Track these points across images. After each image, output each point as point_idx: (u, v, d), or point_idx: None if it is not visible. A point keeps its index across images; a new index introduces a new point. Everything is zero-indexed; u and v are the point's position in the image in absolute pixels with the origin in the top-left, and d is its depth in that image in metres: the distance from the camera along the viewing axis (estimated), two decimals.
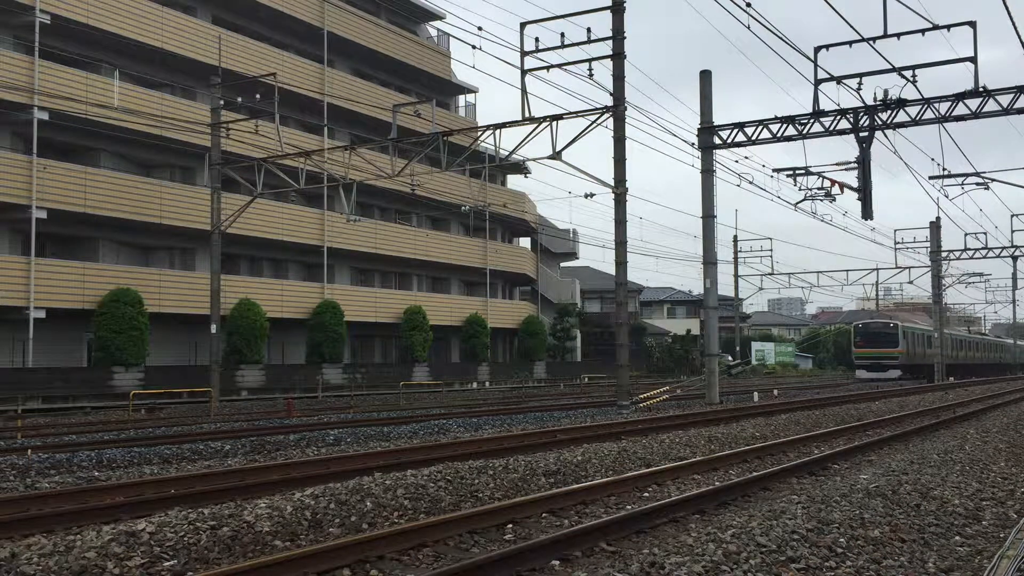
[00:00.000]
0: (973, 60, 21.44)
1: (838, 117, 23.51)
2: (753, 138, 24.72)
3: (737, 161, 33.17)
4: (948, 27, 21.48)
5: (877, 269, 57.74)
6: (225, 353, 31.92)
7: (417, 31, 48.48)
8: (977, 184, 33.49)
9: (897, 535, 7.49)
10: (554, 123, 22.65)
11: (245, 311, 33.68)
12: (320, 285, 39.19)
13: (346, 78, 41.79)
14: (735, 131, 25.01)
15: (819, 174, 27.66)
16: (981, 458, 12.82)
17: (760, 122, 24.53)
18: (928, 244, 50.72)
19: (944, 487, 9.86)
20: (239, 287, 34.53)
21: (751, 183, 28.97)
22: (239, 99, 28.64)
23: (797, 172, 27.64)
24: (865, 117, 23.27)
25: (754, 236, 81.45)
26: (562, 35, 22.53)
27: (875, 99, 22.89)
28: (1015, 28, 16.42)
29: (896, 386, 43.58)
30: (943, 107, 22.37)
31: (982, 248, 47.69)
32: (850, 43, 22.39)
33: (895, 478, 10.23)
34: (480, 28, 23.57)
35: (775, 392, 32.82)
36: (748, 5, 19.31)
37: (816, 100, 23.31)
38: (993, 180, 33.71)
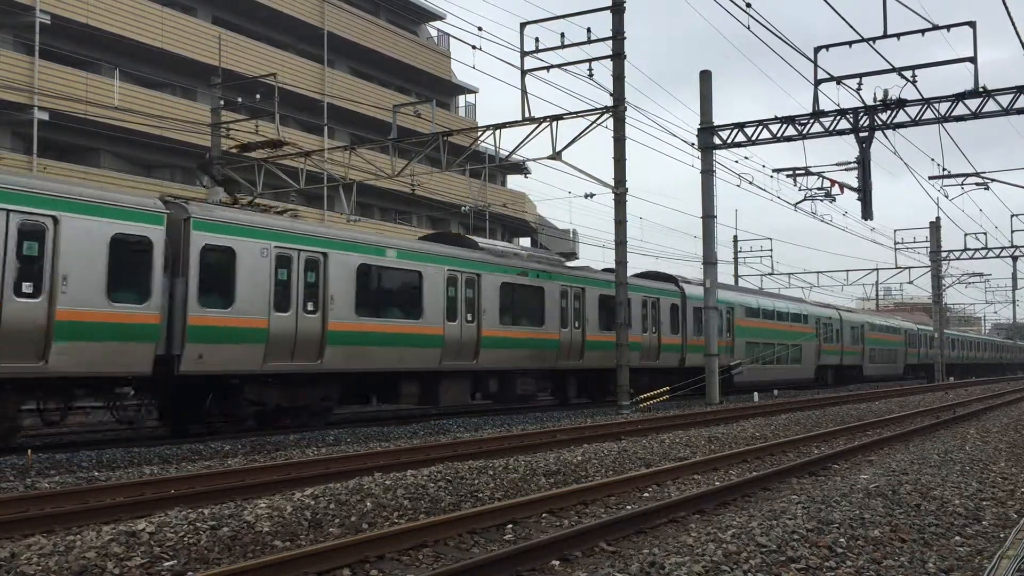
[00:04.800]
0: (973, 60, 21.45)
1: (838, 117, 23.52)
2: (753, 138, 24.72)
3: (737, 161, 33.17)
4: (948, 27, 21.51)
5: (877, 269, 57.77)
6: None
7: (417, 31, 48.47)
8: (977, 184, 33.55)
9: (897, 535, 7.49)
10: (554, 123, 22.63)
11: None
12: None
13: (346, 78, 41.78)
14: (735, 131, 25.01)
15: (819, 174, 27.69)
16: (981, 458, 12.82)
17: (760, 122, 24.54)
18: (928, 244, 50.72)
19: (944, 487, 9.86)
20: None
21: (751, 183, 28.98)
22: (239, 99, 28.60)
23: (797, 172, 27.67)
24: (865, 117, 23.27)
25: (754, 236, 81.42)
26: (562, 35, 22.53)
27: (875, 99, 22.91)
28: (1015, 28, 16.45)
29: (897, 386, 43.56)
30: (943, 107, 22.39)
31: (982, 248, 47.72)
32: (850, 43, 22.42)
33: (895, 478, 10.23)
34: (480, 28, 23.63)
35: (775, 392, 32.82)
36: (748, 5, 19.34)
37: (816, 100, 23.32)
38: (993, 180, 33.80)
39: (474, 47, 22.38)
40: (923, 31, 21.63)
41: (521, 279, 21.49)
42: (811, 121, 23.74)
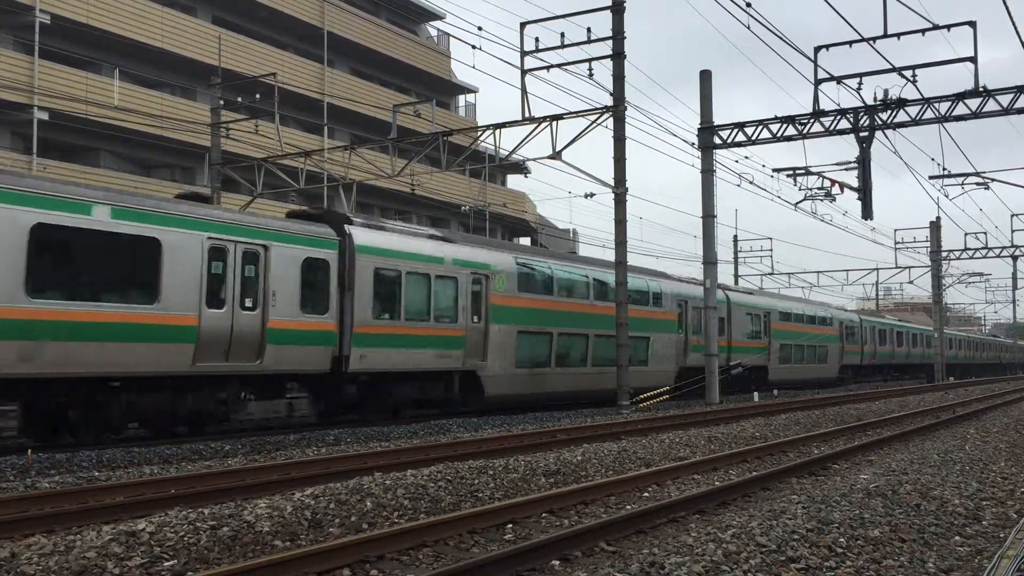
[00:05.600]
0: (973, 60, 21.46)
1: (838, 117, 23.52)
2: (753, 138, 24.72)
3: (737, 161, 33.15)
4: (948, 27, 21.52)
5: (877, 269, 57.78)
6: None
7: (417, 31, 48.48)
8: (977, 184, 33.58)
9: (897, 535, 7.49)
10: (554, 123, 22.65)
11: None
12: None
13: (346, 78, 41.80)
14: (735, 131, 25.02)
15: (819, 174, 27.71)
16: (981, 458, 12.83)
17: (760, 122, 24.55)
18: (928, 244, 50.74)
19: (944, 487, 9.87)
20: None
21: (751, 183, 29.00)
22: (239, 99, 28.62)
23: (797, 172, 27.68)
24: (865, 117, 23.28)
25: (754, 236, 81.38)
26: (562, 35, 22.54)
27: (875, 99, 22.93)
28: (1015, 28, 16.45)
29: (896, 386, 43.55)
30: (943, 107, 22.39)
31: (982, 248, 47.75)
32: (850, 43, 22.44)
33: (895, 478, 10.24)
34: (480, 28, 23.65)
35: (775, 392, 32.84)
36: (748, 5, 19.34)
37: (816, 100, 23.32)
38: (993, 180, 33.83)
39: (474, 47, 22.43)
40: (923, 31, 21.64)
41: None
42: (811, 121, 23.75)
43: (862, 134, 23.49)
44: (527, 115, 22.76)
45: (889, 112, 22.89)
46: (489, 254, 20.95)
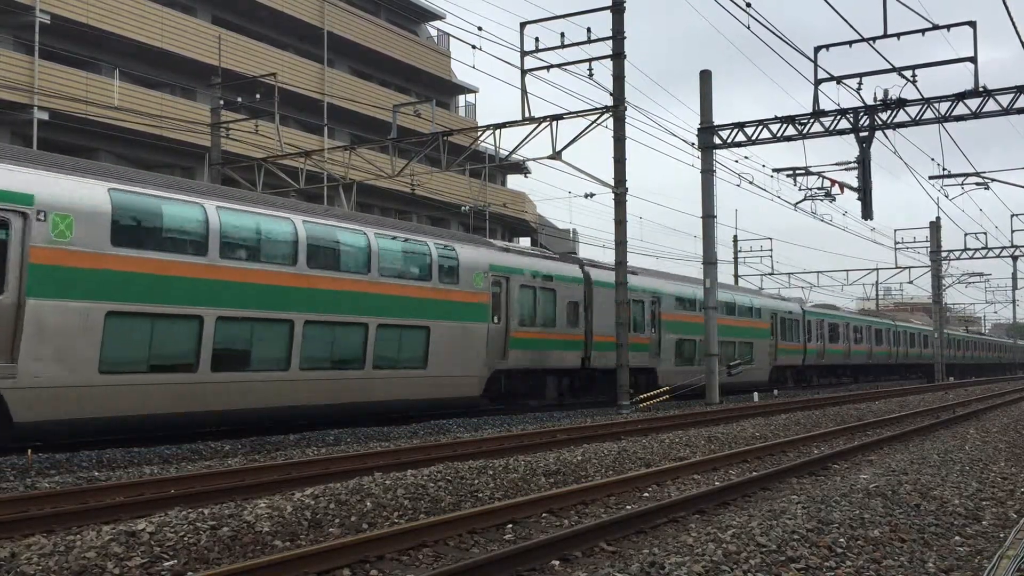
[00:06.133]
0: (973, 60, 21.48)
1: (838, 117, 23.53)
2: (753, 138, 24.72)
3: (737, 161, 33.18)
4: (948, 27, 21.54)
5: (877, 269, 57.83)
6: None
7: (417, 31, 48.49)
8: (977, 184, 33.59)
9: (897, 535, 7.49)
10: (554, 123, 22.66)
11: None
12: None
13: (346, 78, 41.81)
14: (735, 131, 25.02)
15: (819, 174, 27.73)
16: (981, 458, 12.83)
17: (760, 122, 24.55)
18: (928, 244, 50.78)
19: (944, 487, 9.87)
20: None
21: (751, 183, 29.00)
22: (239, 99, 28.63)
23: (797, 172, 27.70)
24: (865, 117, 23.29)
25: (754, 236, 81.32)
26: (562, 35, 22.55)
27: (875, 99, 22.95)
28: (1015, 28, 16.45)
29: (896, 386, 43.56)
30: (943, 107, 22.40)
31: (982, 248, 47.78)
32: (850, 43, 22.46)
33: (895, 478, 10.24)
34: (480, 28, 23.67)
35: (775, 392, 32.84)
36: (748, 5, 19.35)
37: (816, 100, 23.33)
38: (993, 180, 33.84)
39: (474, 47, 22.44)
40: (923, 31, 21.66)
41: None
42: (811, 121, 23.76)
43: (862, 134, 23.50)
44: (527, 115, 22.77)
45: (889, 112, 22.90)
46: (31, 177, 12.17)
